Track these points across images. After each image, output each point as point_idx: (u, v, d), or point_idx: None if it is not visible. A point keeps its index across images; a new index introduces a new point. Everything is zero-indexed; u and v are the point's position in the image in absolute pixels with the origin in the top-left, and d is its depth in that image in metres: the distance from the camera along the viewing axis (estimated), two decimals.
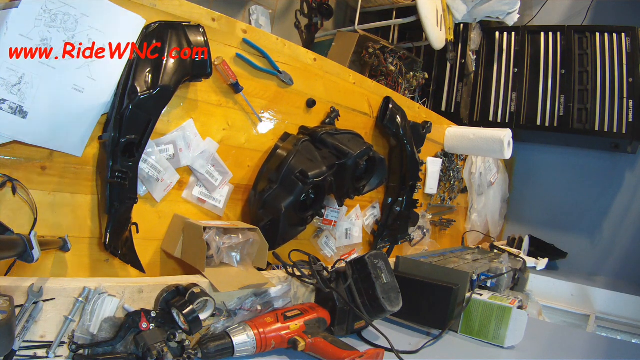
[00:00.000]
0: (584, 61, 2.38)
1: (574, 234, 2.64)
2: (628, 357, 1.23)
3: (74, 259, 0.84)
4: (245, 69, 1.06)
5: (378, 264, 1.02)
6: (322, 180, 1.06)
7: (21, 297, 0.65)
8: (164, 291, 0.79)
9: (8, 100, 0.71)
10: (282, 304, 0.96)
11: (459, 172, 2.04)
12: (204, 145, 1.00)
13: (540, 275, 2.17)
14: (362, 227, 1.49)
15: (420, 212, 1.72)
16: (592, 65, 2.35)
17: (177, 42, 0.87)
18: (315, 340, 0.87)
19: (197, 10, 0.95)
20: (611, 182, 2.58)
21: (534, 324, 1.28)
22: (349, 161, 1.14)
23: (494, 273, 1.40)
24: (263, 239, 0.96)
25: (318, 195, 1.12)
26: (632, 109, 2.24)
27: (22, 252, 0.60)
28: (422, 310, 1.16)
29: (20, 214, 0.77)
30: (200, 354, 0.78)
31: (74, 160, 0.82)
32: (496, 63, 2.59)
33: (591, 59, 2.36)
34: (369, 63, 2.27)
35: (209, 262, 0.91)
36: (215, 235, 0.91)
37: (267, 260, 0.99)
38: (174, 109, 0.95)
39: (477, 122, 2.58)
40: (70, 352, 0.69)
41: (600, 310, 2.09)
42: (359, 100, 1.42)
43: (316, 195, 1.11)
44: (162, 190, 0.95)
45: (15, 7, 0.70)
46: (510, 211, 2.79)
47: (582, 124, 2.34)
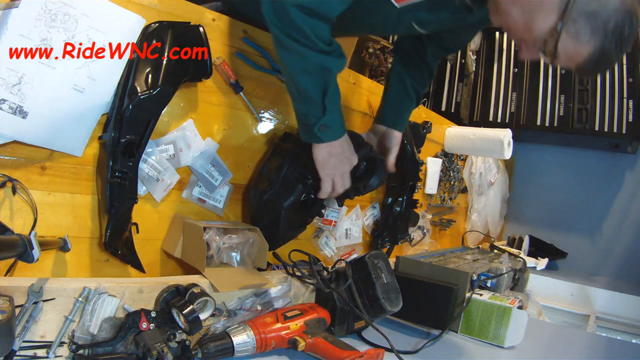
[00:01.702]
0: None
1: (574, 234, 2.64)
2: (628, 357, 1.23)
3: (74, 259, 0.84)
4: (245, 69, 1.06)
5: (378, 264, 1.02)
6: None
7: (21, 297, 0.65)
8: (164, 291, 0.79)
9: (8, 100, 0.71)
10: (282, 304, 0.96)
11: (459, 172, 2.04)
12: (204, 145, 1.00)
13: (540, 275, 2.17)
14: (362, 227, 1.50)
15: (420, 212, 1.72)
16: None
17: (177, 42, 0.87)
18: (315, 340, 0.87)
19: (197, 10, 0.95)
20: (611, 182, 2.58)
21: (534, 324, 1.28)
22: None
23: (494, 273, 1.40)
24: (263, 239, 0.96)
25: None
26: (632, 109, 2.24)
27: (22, 252, 0.60)
28: (422, 310, 1.15)
29: (20, 214, 0.77)
30: (200, 354, 0.78)
31: (74, 160, 0.82)
32: (496, 63, 2.59)
33: None
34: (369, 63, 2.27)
35: (208, 262, 0.91)
36: (215, 235, 0.91)
37: (267, 260, 0.99)
38: (174, 109, 0.95)
39: (477, 122, 2.57)
40: (70, 352, 0.69)
41: (600, 310, 2.09)
42: (359, 100, 1.42)
43: (316, 196, 1.11)
44: (162, 190, 0.95)
45: (15, 7, 0.70)
46: (510, 211, 2.79)
47: (582, 124, 2.34)
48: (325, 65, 0.83)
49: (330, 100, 0.84)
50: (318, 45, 0.80)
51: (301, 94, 0.85)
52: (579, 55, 0.80)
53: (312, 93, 0.84)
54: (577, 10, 0.76)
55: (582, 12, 0.76)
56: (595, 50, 0.78)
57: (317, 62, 0.82)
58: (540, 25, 0.79)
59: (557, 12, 0.77)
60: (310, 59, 0.82)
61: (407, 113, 1.27)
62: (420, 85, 1.24)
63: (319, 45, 0.80)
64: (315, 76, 0.83)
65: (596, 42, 0.77)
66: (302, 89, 0.85)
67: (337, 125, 0.90)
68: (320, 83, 0.83)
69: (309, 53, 0.81)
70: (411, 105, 1.26)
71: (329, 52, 0.82)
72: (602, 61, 0.80)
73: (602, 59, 0.79)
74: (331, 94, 0.84)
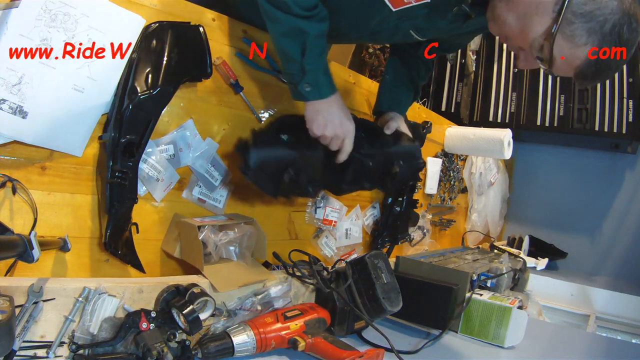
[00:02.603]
0: None
1: (574, 234, 2.63)
2: (628, 357, 1.23)
3: (74, 259, 0.84)
4: (245, 69, 1.06)
5: (378, 264, 1.02)
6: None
7: (21, 297, 0.65)
8: (163, 291, 0.79)
9: (8, 100, 0.71)
10: (282, 304, 0.96)
11: (459, 172, 2.04)
12: (204, 145, 1.00)
13: (540, 275, 2.17)
14: (362, 227, 1.50)
15: (420, 212, 1.72)
16: None
17: (177, 42, 0.87)
18: (315, 340, 0.87)
19: (197, 10, 0.95)
20: (611, 182, 2.58)
21: (534, 324, 1.28)
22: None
23: (494, 273, 1.40)
24: (261, 230, 0.97)
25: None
26: (632, 109, 2.24)
27: (22, 252, 0.60)
28: (422, 310, 1.15)
29: (20, 214, 0.77)
30: (200, 354, 0.78)
31: (74, 160, 0.82)
32: (496, 63, 2.59)
33: None
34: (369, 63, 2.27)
35: (208, 259, 0.91)
36: (210, 233, 0.91)
37: (266, 251, 0.99)
38: (174, 109, 0.95)
39: (477, 122, 2.57)
40: (70, 352, 0.69)
41: (600, 310, 2.09)
42: (359, 100, 1.42)
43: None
44: (162, 190, 0.95)
45: (15, 7, 0.70)
46: (510, 211, 2.79)
47: (582, 124, 2.34)
48: (301, 28, 0.86)
49: (310, 61, 0.88)
50: (293, 9, 0.84)
51: (284, 55, 0.91)
52: (575, 58, 0.78)
53: (292, 54, 0.88)
54: (572, 11, 0.75)
55: (577, 13, 0.75)
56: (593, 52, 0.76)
57: (292, 25, 0.86)
58: (536, 29, 0.79)
59: (551, 14, 0.77)
60: (286, 23, 0.86)
61: (404, 98, 1.24)
62: (417, 75, 1.23)
63: (294, 10, 0.84)
64: (293, 38, 0.87)
65: (593, 44, 0.76)
66: (283, 51, 0.90)
67: (320, 85, 0.92)
68: (298, 45, 0.87)
69: (285, 17, 0.85)
70: (407, 93, 1.24)
71: (306, 17, 0.86)
72: (602, 67, 0.78)
73: (602, 65, 0.78)
74: (311, 55, 0.88)
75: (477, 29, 1.03)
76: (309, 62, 0.88)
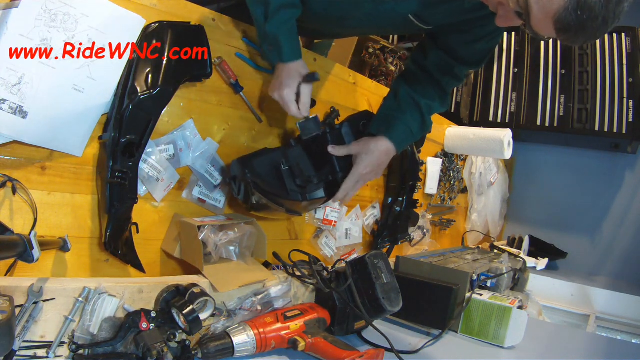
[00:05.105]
0: (584, 61, 2.37)
1: (574, 234, 2.63)
2: (628, 357, 1.23)
3: (74, 259, 0.84)
4: (245, 69, 1.06)
5: (378, 264, 1.02)
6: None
7: (21, 297, 0.65)
8: (164, 291, 0.79)
9: (8, 100, 0.71)
10: (282, 304, 0.96)
11: (459, 172, 2.04)
12: (204, 145, 1.01)
13: (540, 275, 2.17)
14: (362, 227, 1.49)
15: (420, 212, 1.72)
16: (592, 65, 2.35)
17: (177, 42, 0.87)
18: (315, 340, 0.87)
19: (197, 10, 0.95)
20: (611, 182, 2.58)
21: (534, 324, 1.28)
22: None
23: (494, 273, 1.40)
24: (261, 230, 0.97)
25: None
26: (632, 109, 2.24)
27: (22, 252, 0.60)
28: (422, 310, 1.15)
29: (20, 214, 0.77)
30: (200, 354, 0.78)
31: (74, 160, 0.82)
32: (496, 63, 2.59)
33: (591, 59, 2.36)
34: (369, 63, 2.27)
35: (208, 259, 0.91)
36: (211, 233, 0.91)
37: (266, 251, 0.99)
38: (174, 109, 0.95)
39: (477, 122, 2.57)
40: (70, 352, 0.69)
41: (600, 310, 2.09)
42: (359, 100, 1.42)
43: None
44: (162, 190, 0.95)
45: (15, 7, 0.70)
46: (510, 211, 2.79)
47: (582, 124, 2.34)
48: None
49: (272, 25, 0.94)
50: None
51: (254, 18, 0.97)
52: (552, 2, 0.70)
53: (257, 18, 0.96)
54: None
55: None
56: None
57: None
58: None
59: None
60: None
61: (396, 121, 1.11)
62: (420, 94, 1.13)
63: None
64: (256, 5, 0.94)
65: None
66: (253, 14, 0.96)
67: (280, 49, 0.97)
68: (261, 11, 0.94)
69: None
70: (401, 114, 1.12)
71: None
72: (584, 12, 0.69)
73: (583, 9, 0.69)
74: (272, 22, 0.94)
75: (475, 7, 0.95)
76: (270, 26, 0.94)
